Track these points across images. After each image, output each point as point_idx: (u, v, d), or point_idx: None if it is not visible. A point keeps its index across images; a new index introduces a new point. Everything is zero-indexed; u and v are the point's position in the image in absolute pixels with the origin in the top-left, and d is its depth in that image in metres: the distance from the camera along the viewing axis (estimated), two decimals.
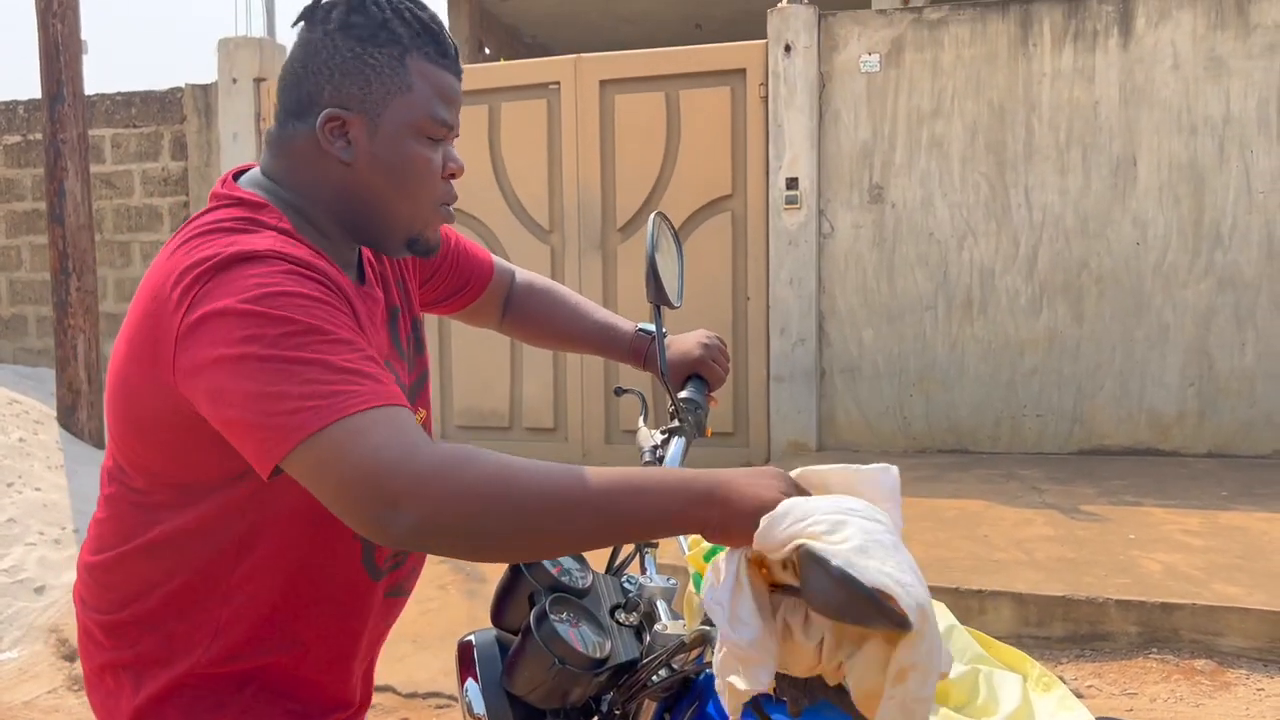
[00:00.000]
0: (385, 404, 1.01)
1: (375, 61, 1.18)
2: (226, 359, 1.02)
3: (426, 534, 0.97)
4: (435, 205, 1.27)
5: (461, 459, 0.98)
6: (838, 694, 1.05)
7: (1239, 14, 5.39)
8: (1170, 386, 5.53)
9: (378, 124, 1.19)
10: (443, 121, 1.22)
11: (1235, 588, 3.58)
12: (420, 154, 1.22)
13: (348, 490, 0.98)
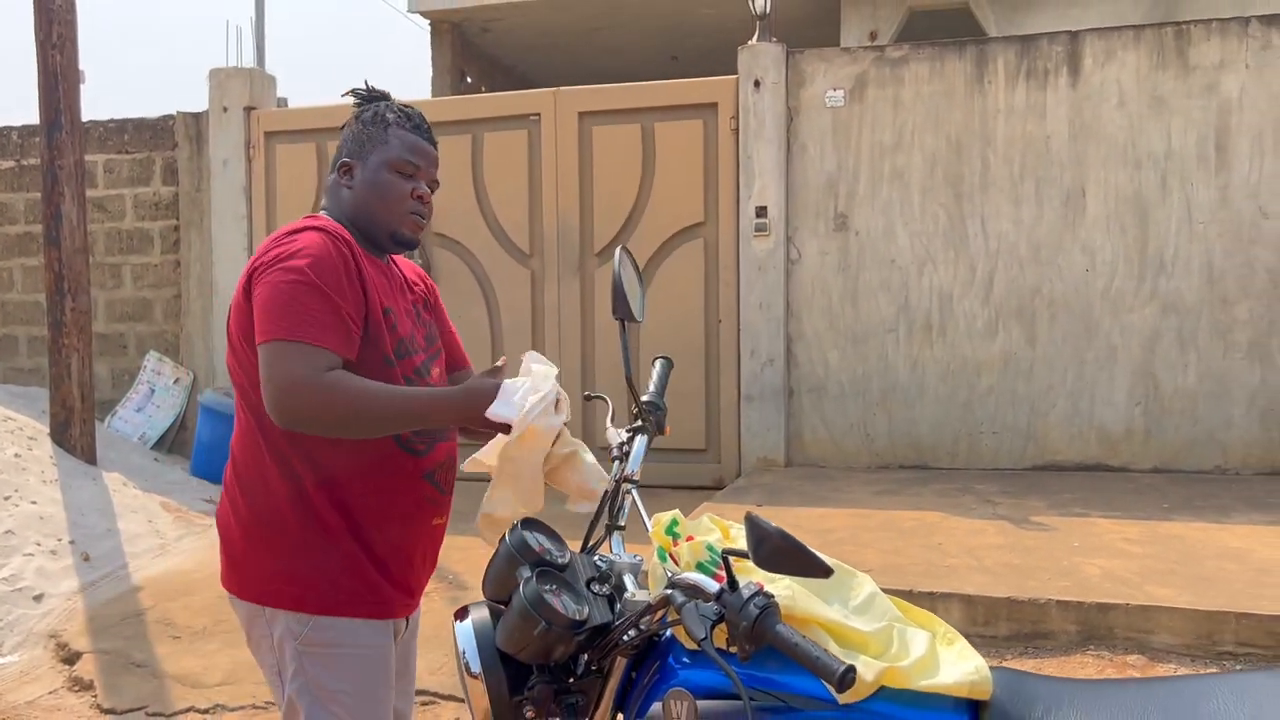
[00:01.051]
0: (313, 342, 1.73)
1: (369, 133, 1.97)
2: (259, 288, 1.79)
3: (294, 424, 1.73)
4: (406, 212, 1.96)
5: (327, 384, 1.71)
6: (783, 643, 1.31)
7: (1179, 55, 5.75)
8: (1118, 405, 5.84)
9: (365, 164, 1.95)
10: (409, 162, 1.95)
11: (1167, 590, 3.86)
12: (391, 179, 1.94)
13: (266, 388, 1.72)
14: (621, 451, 1.80)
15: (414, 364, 1.96)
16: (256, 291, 1.78)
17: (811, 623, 1.45)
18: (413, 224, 1.97)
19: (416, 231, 1.99)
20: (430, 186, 2.00)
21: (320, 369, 1.71)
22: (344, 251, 1.83)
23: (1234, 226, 5.70)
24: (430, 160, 1.99)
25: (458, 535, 5.74)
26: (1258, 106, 5.66)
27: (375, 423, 1.77)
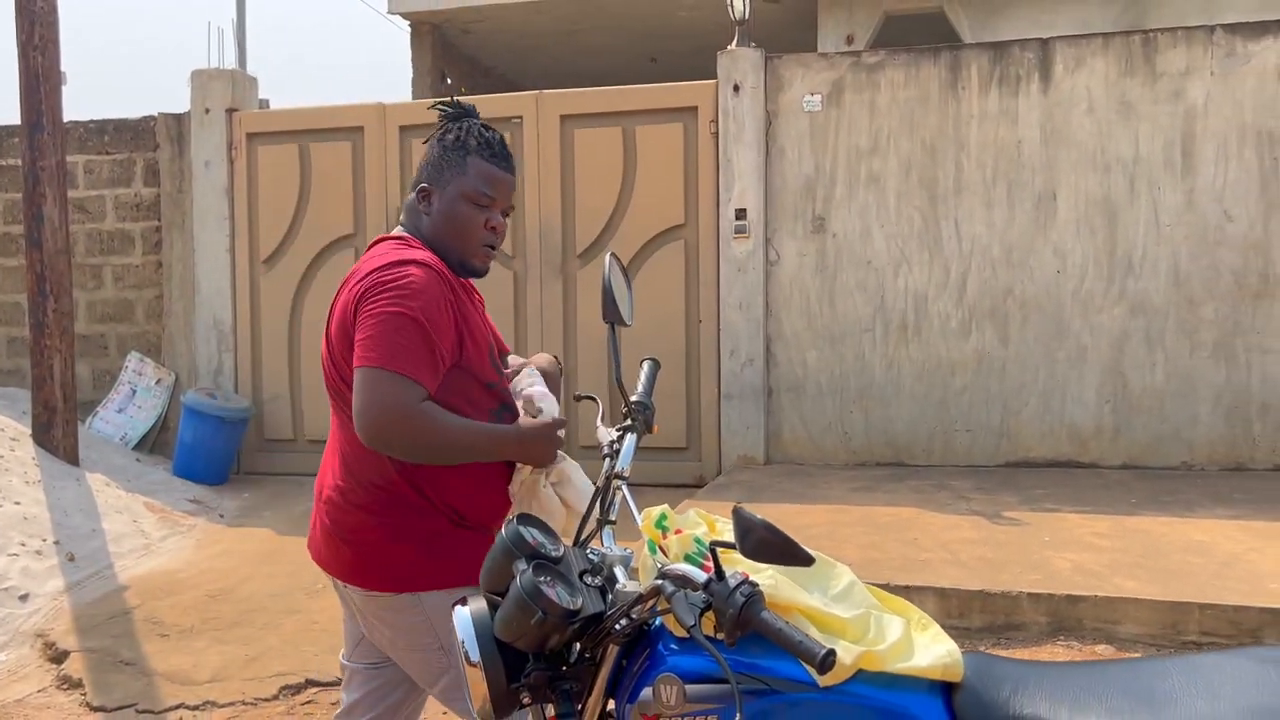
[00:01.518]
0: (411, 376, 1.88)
1: (449, 159, 2.04)
2: (367, 312, 1.91)
3: (382, 447, 1.92)
4: (479, 245, 2.06)
5: (420, 416, 1.88)
6: (767, 629, 1.39)
7: (1146, 62, 5.89)
8: (1088, 404, 5.98)
9: (443, 192, 2.04)
10: (484, 194, 2.03)
11: (1134, 582, 3.99)
12: (468, 211, 2.03)
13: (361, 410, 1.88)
14: (612, 449, 1.88)
15: (494, 379, 2.08)
16: (364, 315, 1.91)
17: (794, 610, 1.54)
18: (484, 255, 2.08)
19: (486, 261, 2.09)
20: (504, 214, 2.09)
21: (415, 401, 1.87)
22: (445, 291, 1.96)
23: (1200, 229, 5.85)
24: (506, 189, 2.07)
25: None
26: (1222, 113, 5.82)
27: (453, 456, 1.97)
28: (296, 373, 7.00)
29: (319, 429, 6.98)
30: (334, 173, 6.89)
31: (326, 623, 4.38)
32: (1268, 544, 4.47)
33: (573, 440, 6.65)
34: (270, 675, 3.92)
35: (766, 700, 1.51)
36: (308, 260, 6.96)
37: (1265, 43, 5.78)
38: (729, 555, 1.52)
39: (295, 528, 5.75)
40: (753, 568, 1.55)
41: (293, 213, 6.95)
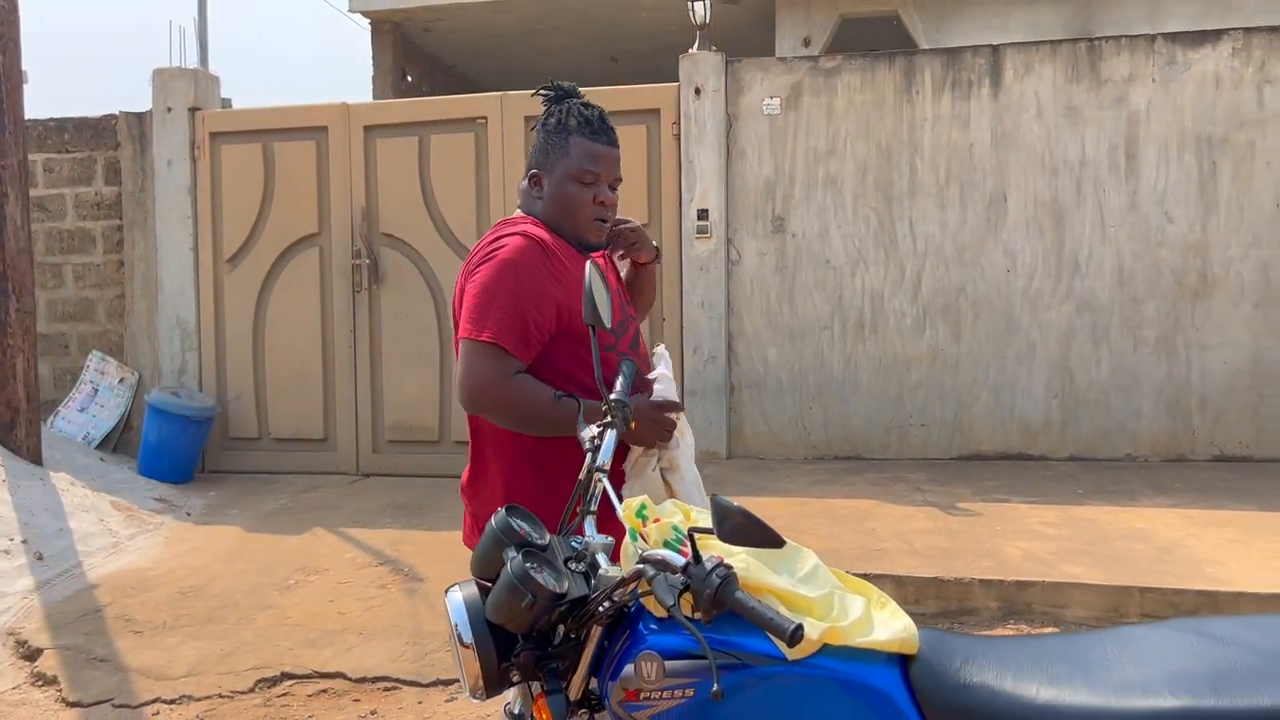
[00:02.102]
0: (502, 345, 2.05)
1: (553, 143, 2.18)
2: (467, 287, 2.12)
3: (477, 413, 2.13)
4: (590, 220, 2.19)
5: (508, 389, 2.05)
6: (741, 608, 1.52)
7: (1092, 69, 6.12)
8: (1037, 398, 6.21)
9: (551, 175, 2.18)
10: (589, 170, 2.16)
11: (1079, 568, 4.19)
12: (574, 190, 2.16)
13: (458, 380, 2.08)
14: (593, 445, 2.00)
15: (627, 340, 2.23)
16: (468, 288, 2.10)
17: (764, 590, 1.67)
18: (596, 230, 2.21)
19: (601, 235, 2.23)
20: (612, 186, 2.20)
21: (506, 374, 2.03)
22: (542, 260, 2.09)
23: (1142, 230, 6.10)
24: (609, 163, 2.18)
25: (410, 530, 5.88)
26: (1163, 118, 6.06)
27: (543, 427, 2.10)
28: (261, 371, 7.03)
29: (284, 427, 7.02)
30: (298, 172, 6.92)
31: (300, 618, 4.45)
32: (1204, 531, 4.70)
33: None
34: (245, 669, 3.99)
35: (740, 674, 1.64)
36: (272, 259, 6.98)
37: (1203, 51, 6.03)
38: (705, 540, 1.65)
39: (264, 525, 5.80)
40: (726, 552, 1.68)
41: (257, 212, 6.97)
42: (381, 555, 5.20)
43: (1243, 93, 5.99)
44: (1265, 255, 5.99)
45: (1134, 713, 1.47)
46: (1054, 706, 1.51)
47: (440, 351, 6.83)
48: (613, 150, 2.19)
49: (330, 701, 3.80)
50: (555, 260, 2.12)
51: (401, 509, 6.01)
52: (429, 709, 3.69)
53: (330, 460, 6.94)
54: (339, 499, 6.29)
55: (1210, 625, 1.65)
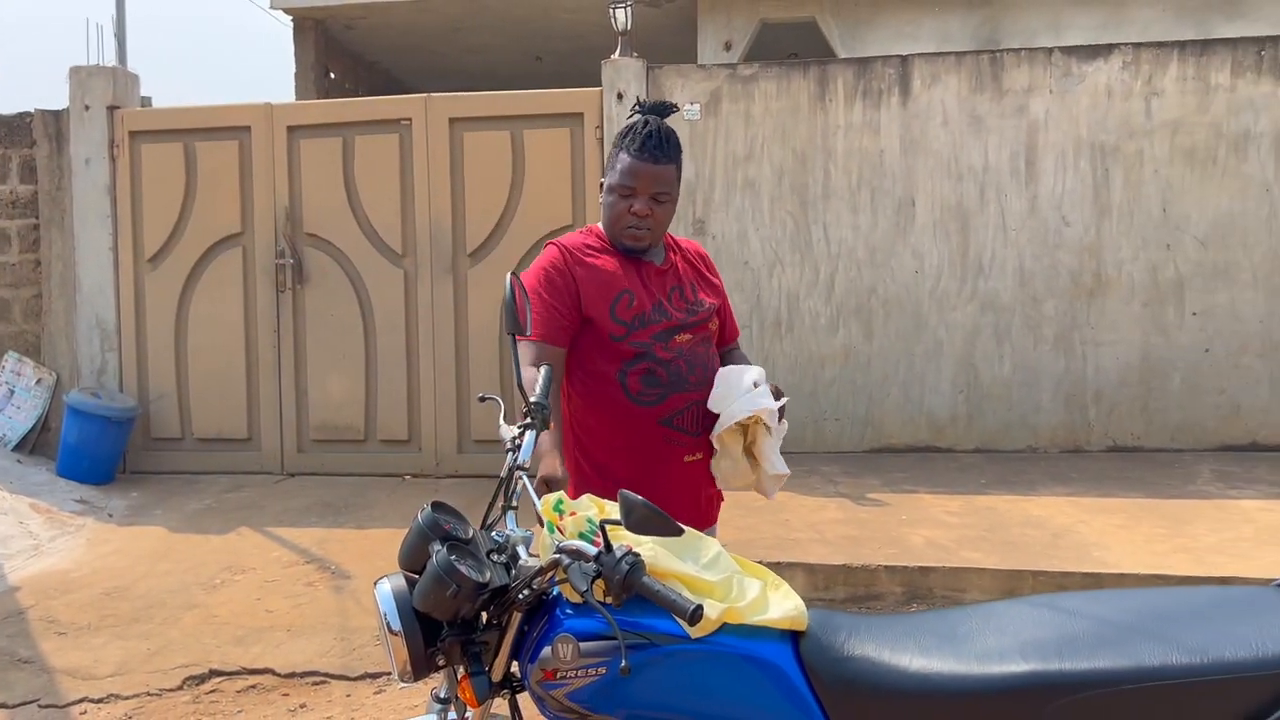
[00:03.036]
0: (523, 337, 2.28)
1: (611, 155, 2.48)
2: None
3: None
4: (625, 228, 2.47)
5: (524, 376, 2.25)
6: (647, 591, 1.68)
7: (994, 80, 6.43)
8: (944, 394, 6.51)
9: (607, 184, 2.48)
10: (624, 185, 2.43)
11: (978, 553, 4.46)
12: (613, 200, 2.46)
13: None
14: (514, 444, 2.14)
15: (651, 331, 2.48)
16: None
17: (670, 576, 1.84)
18: (631, 236, 2.47)
19: (637, 242, 2.48)
20: (656, 199, 2.44)
21: (526, 362, 2.31)
22: (565, 259, 2.47)
23: (1041, 233, 6.43)
24: (648, 179, 2.41)
25: (337, 529, 5.95)
26: (1060, 127, 6.40)
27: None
28: (184, 371, 6.99)
29: (207, 427, 7.00)
30: (221, 172, 6.90)
31: (227, 616, 4.50)
32: (1094, 517, 5.02)
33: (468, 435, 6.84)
34: (173, 667, 4.04)
35: (647, 652, 1.81)
36: (194, 259, 6.95)
37: (1097, 64, 6.39)
38: (616, 531, 1.81)
39: (188, 525, 5.81)
40: (636, 541, 1.84)
41: (178, 211, 6.92)
42: (308, 554, 5.26)
43: (1132, 104, 6.36)
44: (1153, 257, 6.37)
45: (991, 676, 1.67)
46: (923, 673, 1.71)
47: (365, 351, 6.88)
48: (653, 167, 2.40)
49: (259, 697, 3.88)
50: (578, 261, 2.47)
51: (327, 508, 6.06)
52: (357, 701, 3.79)
53: (255, 460, 6.94)
54: (264, 498, 6.31)
55: (1062, 600, 1.87)
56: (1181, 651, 1.62)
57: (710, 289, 2.65)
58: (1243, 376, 6.34)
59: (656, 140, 2.42)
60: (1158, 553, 4.47)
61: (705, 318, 2.57)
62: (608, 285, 2.46)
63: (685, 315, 2.53)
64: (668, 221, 2.54)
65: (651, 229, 2.48)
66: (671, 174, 2.46)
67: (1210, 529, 4.79)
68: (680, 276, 2.58)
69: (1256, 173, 6.29)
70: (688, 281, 2.59)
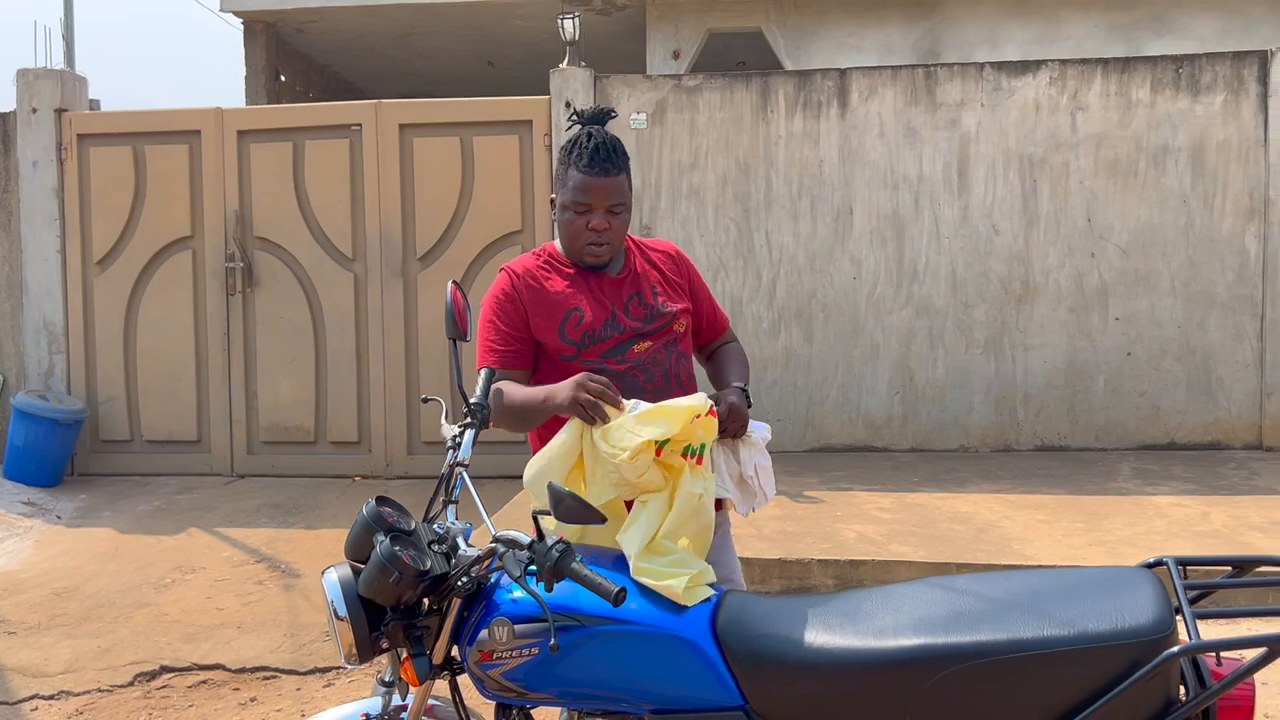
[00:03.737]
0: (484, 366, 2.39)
1: (559, 172, 2.44)
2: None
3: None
4: (585, 245, 2.42)
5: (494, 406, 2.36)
6: (576, 575, 1.84)
7: (928, 93, 6.69)
8: (880, 395, 6.75)
9: (559, 202, 2.44)
10: (578, 201, 2.39)
11: (906, 547, 4.68)
12: (569, 218, 2.42)
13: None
14: (454, 443, 2.29)
15: (601, 350, 2.44)
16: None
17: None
18: (591, 253, 2.43)
19: (598, 258, 2.44)
20: (612, 210, 2.39)
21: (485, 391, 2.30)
22: (514, 285, 2.46)
23: (973, 241, 6.70)
24: (601, 192, 2.36)
25: (287, 529, 6.03)
26: (991, 139, 6.67)
27: (521, 422, 2.43)
28: (133, 373, 7.02)
29: (156, 429, 7.03)
30: (170, 176, 6.94)
31: (178, 614, 4.59)
32: (1018, 513, 5.27)
33: (418, 437, 6.94)
34: (124, 664, 4.12)
35: (577, 633, 1.97)
36: (143, 262, 6.98)
37: (1026, 79, 6.67)
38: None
39: (138, 526, 5.86)
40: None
41: (127, 214, 6.95)
42: (258, 553, 5.35)
43: (1059, 118, 6.65)
44: (1078, 265, 6.67)
45: (884, 650, 1.86)
46: (824, 648, 1.89)
47: (316, 353, 6.96)
48: (604, 180, 2.36)
49: (210, 691, 3.97)
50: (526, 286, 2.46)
51: (277, 509, 6.14)
52: (307, 694, 3.91)
53: (204, 462, 6.99)
54: (214, 500, 6.37)
55: (953, 581, 2.06)
56: (1052, 625, 1.81)
57: (676, 291, 2.56)
58: (1162, 379, 6.66)
59: (605, 152, 2.38)
60: (1074, 545, 4.72)
61: (666, 322, 2.51)
62: (556, 306, 2.44)
63: (643, 324, 2.48)
64: (625, 231, 2.50)
65: (611, 242, 2.43)
66: (623, 184, 2.42)
67: (1125, 523, 5.06)
68: (639, 282, 2.51)
69: (1175, 185, 6.61)
70: (648, 286, 2.52)
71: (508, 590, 2.04)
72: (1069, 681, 1.78)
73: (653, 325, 2.49)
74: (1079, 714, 1.75)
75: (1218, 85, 6.56)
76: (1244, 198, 6.57)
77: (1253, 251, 6.58)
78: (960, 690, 1.80)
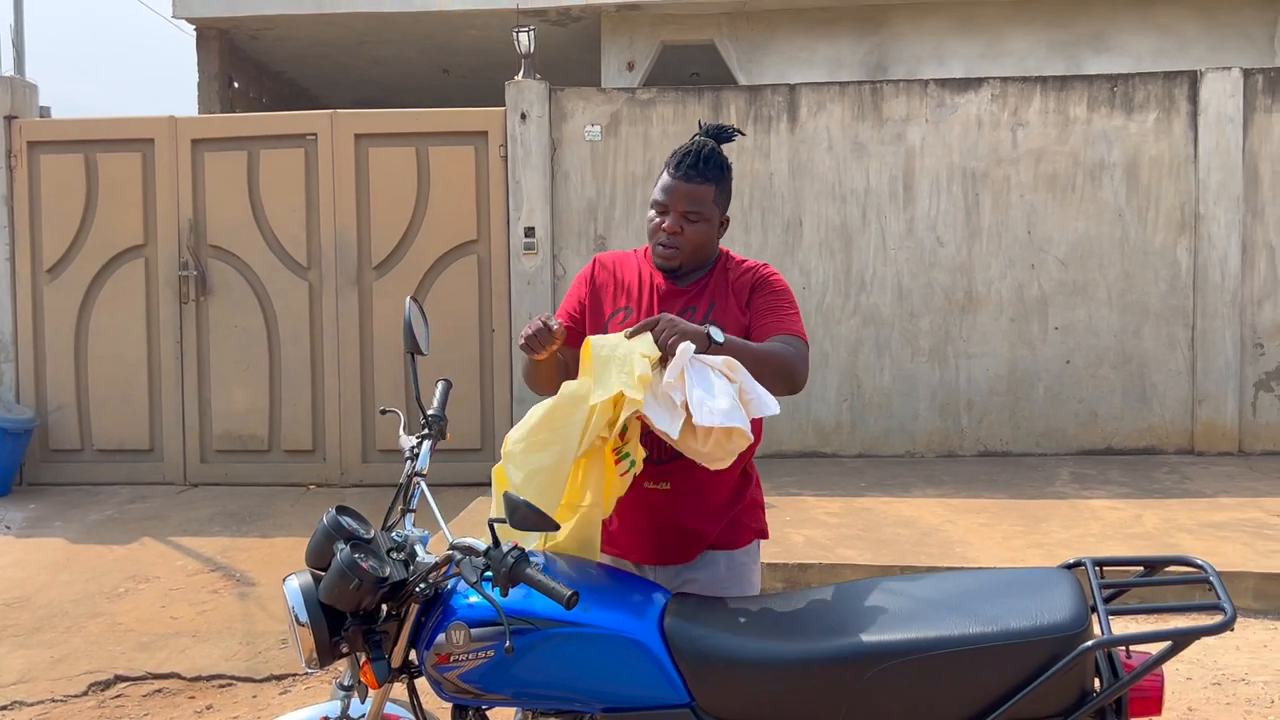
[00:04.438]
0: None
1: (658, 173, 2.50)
2: None
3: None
4: (656, 244, 2.45)
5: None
6: (530, 581, 1.93)
7: (875, 109, 6.87)
8: (830, 402, 6.91)
9: (650, 202, 2.50)
10: (658, 201, 2.43)
11: (852, 550, 4.82)
12: (650, 215, 2.47)
13: None
14: (412, 453, 2.37)
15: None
16: None
17: None
18: (660, 254, 2.44)
19: (667, 260, 2.42)
20: (687, 216, 2.38)
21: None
22: (594, 268, 2.58)
23: (918, 253, 6.89)
24: (679, 196, 2.38)
25: (241, 537, 6.04)
26: (935, 153, 6.87)
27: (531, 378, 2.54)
28: (84, 382, 6.97)
29: (108, 438, 6.99)
30: (123, 184, 6.91)
31: (132, 623, 4.59)
32: (961, 517, 5.45)
33: (373, 445, 6.97)
34: (78, 674, 4.12)
35: (531, 636, 2.06)
36: (95, 270, 6.95)
37: (968, 96, 6.88)
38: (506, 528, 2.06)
39: (89, 535, 5.83)
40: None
41: (79, 223, 6.91)
42: (213, 562, 5.36)
43: (1000, 134, 6.86)
44: (1019, 276, 6.88)
45: (822, 648, 1.97)
46: (765, 647, 2.00)
47: (270, 361, 6.96)
48: (685, 185, 2.37)
49: (166, 700, 3.99)
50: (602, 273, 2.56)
51: (231, 517, 6.15)
52: (263, 701, 3.94)
53: (157, 471, 6.96)
54: (167, 509, 6.36)
55: (888, 583, 2.19)
56: (977, 623, 1.94)
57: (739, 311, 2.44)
58: (1099, 386, 6.89)
59: (694, 159, 2.39)
60: (1014, 548, 4.90)
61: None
62: (612, 295, 2.51)
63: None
64: (702, 242, 2.43)
65: (681, 247, 2.40)
66: (706, 194, 2.39)
67: (1063, 526, 5.25)
68: (700, 298, 2.45)
69: (1110, 199, 6.86)
70: (707, 304, 2.45)
71: (464, 595, 2.13)
72: (993, 675, 1.90)
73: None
74: (1003, 705, 1.88)
75: (1150, 104, 6.82)
76: (1175, 212, 6.83)
77: (1184, 264, 6.84)
78: (892, 685, 1.92)
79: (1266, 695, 3.65)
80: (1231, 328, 6.81)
